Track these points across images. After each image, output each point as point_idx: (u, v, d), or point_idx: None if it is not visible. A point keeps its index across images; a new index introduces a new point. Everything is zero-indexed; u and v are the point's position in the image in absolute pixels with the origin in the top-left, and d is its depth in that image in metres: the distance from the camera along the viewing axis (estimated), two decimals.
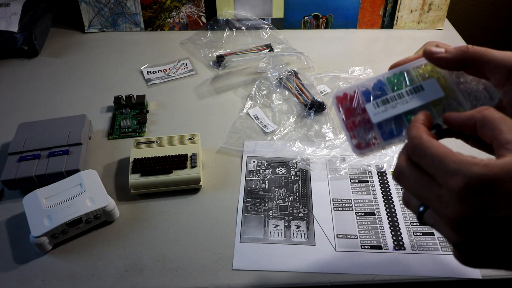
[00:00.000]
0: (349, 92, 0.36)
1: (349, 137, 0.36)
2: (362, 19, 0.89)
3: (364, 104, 0.35)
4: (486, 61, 0.32)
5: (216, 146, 0.63)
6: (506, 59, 0.31)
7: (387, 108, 0.34)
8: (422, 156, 0.29)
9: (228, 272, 0.48)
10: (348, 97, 0.36)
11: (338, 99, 0.36)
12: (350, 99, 0.36)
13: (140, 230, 0.53)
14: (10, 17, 0.82)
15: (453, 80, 0.34)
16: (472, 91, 0.34)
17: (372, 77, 0.36)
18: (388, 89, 0.35)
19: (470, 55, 0.32)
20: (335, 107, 0.37)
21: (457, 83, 0.34)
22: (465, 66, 0.33)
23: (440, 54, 0.33)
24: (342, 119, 0.36)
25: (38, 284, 0.47)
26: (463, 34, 0.91)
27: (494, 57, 0.31)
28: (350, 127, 0.36)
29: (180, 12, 0.88)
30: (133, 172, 0.56)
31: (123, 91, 0.73)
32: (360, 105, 0.36)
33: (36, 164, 0.56)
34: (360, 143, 0.35)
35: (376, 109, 0.35)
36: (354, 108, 0.36)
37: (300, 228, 0.52)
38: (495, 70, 0.31)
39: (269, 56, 0.77)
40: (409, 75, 0.35)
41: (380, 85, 0.36)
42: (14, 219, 0.54)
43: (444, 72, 0.35)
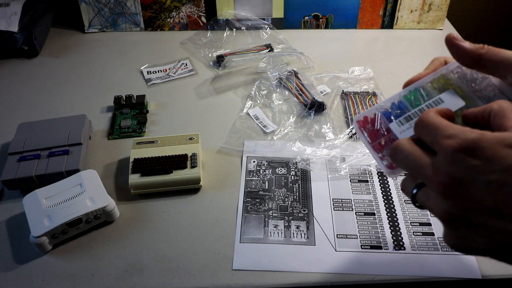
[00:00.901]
0: (369, 115, 0.37)
1: (379, 159, 0.36)
2: (362, 19, 0.89)
3: (387, 124, 0.35)
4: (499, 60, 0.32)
5: (216, 146, 0.63)
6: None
7: (411, 124, 0.34)
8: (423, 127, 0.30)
9: (228, 272, 0.48)
10: (369, 119, 0.36)
11: (359, 123, 0.37)
12: (371, 121, 0.36)
13: (140, 230, 0.53)
14: (10, 17, 0.82)
15: (469, 89, 0.34)
16: (490, 97, 0.34)
17: (388, 98, 0.37)
18: (408, 107, 0.35)
19: (486, 50, 0.32)
20: (358, 132, 0.37)
21: (474, 91, 0.34)
22: (479, 63, 0.33)
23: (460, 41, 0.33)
24: (368, 141, 0.36)
25: (38, 284, 0.47)
26: (463, 34, 0.91)
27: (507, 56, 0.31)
28: (378, 149, 0.36)
29: (180, 12, 0.88)
30: (133, 172, 0.56)
31: (123, 91, 0.73)
32: (383, 126, 0.36)
33: (36, 164, 0.56)
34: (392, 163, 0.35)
35: (401, 127, 0.35)
36: (378, 129, 0.36)
37: (300, 228, 0.52)
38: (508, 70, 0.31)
39: (269, 56, 0.77)
40: (425, 90, 0.35)
41: (399, 104, 0.36)
42: (14, 219, 0.54)
43: (459, 83, 0.35)
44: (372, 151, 0.36)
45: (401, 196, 0.56)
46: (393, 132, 0.35)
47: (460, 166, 0.27)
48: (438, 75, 0.35)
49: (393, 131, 0.35)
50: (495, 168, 0.26)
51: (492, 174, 0.26)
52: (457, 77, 0.35)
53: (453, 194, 0.27)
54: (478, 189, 0.26)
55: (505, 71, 0.32)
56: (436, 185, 0.28)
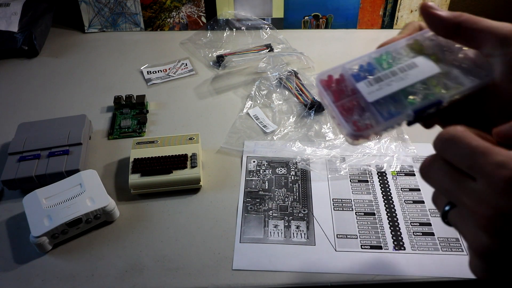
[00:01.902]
0: (334, 74, 0.33)
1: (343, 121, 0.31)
2: (362, 19, 0.89)
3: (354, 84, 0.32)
4: (479, 28, 0.30)
5: (216, 146, 0.63)
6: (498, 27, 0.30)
7: (382, 86, 0.31)
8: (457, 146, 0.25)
9: (228, 272, 0.48)
10: (334, 79, 0.33)
11: (322, 82, 0.33)
12: (336, 81, 0.33)
13: (140, 230, 0.53)
14: (10, 17, 0.82)
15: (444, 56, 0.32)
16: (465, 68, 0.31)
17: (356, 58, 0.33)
18: (378, 68, 0.32)
19: (464, 19, 0.30)
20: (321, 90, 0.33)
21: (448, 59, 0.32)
22: (456, 31, 0.31)
23: (437, 10, 0.31)
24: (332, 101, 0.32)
25: (38, 284, 0.47)
26: None
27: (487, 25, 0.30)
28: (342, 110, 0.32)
29: (180, 12, 0.88)
30: (133, 172, 0.56)
31: (123, 91, 0.73)
32: (349, 86, 0.32)
33: (36, 164, 0.56)
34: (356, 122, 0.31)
35: (370, 87, 0.31)
36: (343, 89, 0.32)
37: (300, 228, 0.52)
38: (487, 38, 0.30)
39: (269, 56, 0.77)
40: (397, 54, 0.32)
41: (368, 66, 0.32)
42: (14, 219, 0.54)
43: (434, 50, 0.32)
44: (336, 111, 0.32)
45: (401, 196, 0.56)
46: (361, 92, 0.31)
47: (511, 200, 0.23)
48: (412, 40, 0.33)
49: (361, 91, 0.31)
50: None
51: None
52: (432, 45, 0.33)
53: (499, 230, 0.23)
54: None
55: (483, 41, 0.30)
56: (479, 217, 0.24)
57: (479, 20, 0.30)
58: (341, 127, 0.32)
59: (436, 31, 0.32)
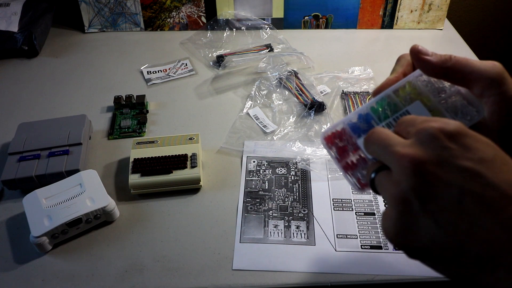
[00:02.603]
0: (336, 129, 0.35)
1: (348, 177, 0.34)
2: (362, 19, 0.89)
3: (355, 139, 0.34)
4: (468, 71, 0.32)
5: (216, 146, 0.63)
6: (487, 70, 0.31)
7: None
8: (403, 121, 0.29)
9: (228, 272, 0.48)
10: (337, 134, 0.35)
11: (327, 140, 0.35)
12: (339, 136, 0.35)
13: (140, 230, 0.53)
14: (10, 17, 0.82)
15: (436, 99, 0.33)
16: (457, 107, 0.33)
17: (357, 109, 0.35)
18: (375, 120, 0.34)
19: (453, 63, 0.32)
20: (326, 149, 0.35)
21: (440, 101, 0.33)
22: (446, 75, 0.33)
23: (426, 55, 0.33)
24: (336, 159, 0.35)
25: (38, 284, 0.47)
26: (463, 34, 0.91)
27: (475, 67, 0.31)
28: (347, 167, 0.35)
29: (180, 12, 0.88)
30: (133, 172, 0.56)
31: (123, 91, 0.73)
32: (350, 142, 0.34)
33: (36, 164, 0.56)
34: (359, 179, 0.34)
35: None
36: (346, 146, 0.34)
37: (300, 228, 0.52)
38: (476, 81, 0.31)
39: (269, 56, 0.77)
40: (392, 100, 0.34)
41: (366, 117, 0.34)
42: (14, 219, 0.54)
43: (425, 92, 0.34)
44: (341, 169, 0.35)
45: None
46: (362, 148, 0.33)
47: (436, 145, 0.25)
48: (405, 83, 0.34)
49: (361, 147, 0.33)
50: (471, 157, 0.25)
51: (466, 161, 0.25)
52: (424, 85, 0.34)
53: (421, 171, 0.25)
54: (449, 173, 0.25)
55: (472, 83, 0.32)
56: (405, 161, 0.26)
57: (467, 63, 0.32)
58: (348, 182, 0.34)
59: (427, 74, 0.33)
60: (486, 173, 0.24)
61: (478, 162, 0.25)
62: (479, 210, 0.24)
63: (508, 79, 0.31)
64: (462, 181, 0.25)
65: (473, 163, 0.25)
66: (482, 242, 0.24)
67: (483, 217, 0.24)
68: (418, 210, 0.25)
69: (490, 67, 0.31)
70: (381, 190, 0.29)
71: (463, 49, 0.85)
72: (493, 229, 0.24)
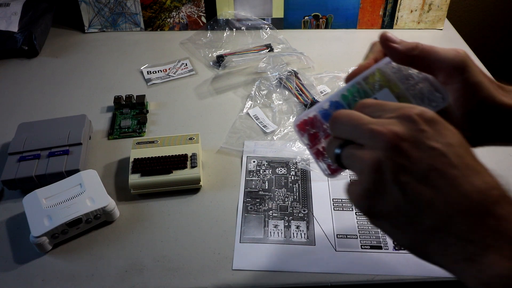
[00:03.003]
0: (308, 116, 0.36)
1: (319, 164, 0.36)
2: (362, 19, 0.89)
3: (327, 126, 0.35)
4: (432, 59, 0.34)
5: (216, 146, 0.63)
6: (450, 58, 0.33)
7: None
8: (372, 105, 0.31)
9: (228, 272, 0.48)
10: (309, 121, 0.36)
11: (299, 127, 0.36)
12: (311, 123, 0.36)
13: (140, 230, 0.53)
14: (10, 17, 0.82)
15: (403, 86, 0.35)
16: (424, 94, 0.34)
17: (329, 96, 0.36)
18: (346, 107, 0.35)
19: (419, 51, 0.34)
20: (298, 135, 0.37)
21: (408, 88, 0.35)
22: (412, 62, 0.35)
23: (394, 43, 0.35)
24: (307, 145, 0.36)
25: (38, 284, 0.47)
26: (463, 34, 0.91)
27: (439, 55, 0.34)
28: (317, 152, 0.36)
29: (180, 12, 0.88)
30: (133, 172, 0.56)
31: (123, 91, 0.73)
32: (322, 128, 0.35)
33: (36, 164, 0.56)
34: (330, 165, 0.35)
35: None
36: (317, 133, 0.36)
37: (300, 228, 0.52)
38: (440, 68, 0.34)
39: (269, 56, 0.77)
40: (362, 87, 0.35)
41: (336, 104, 0.35)
42: (14, 219, 0.54)
43: (394, 79, 0.35)
44: (312, 155, 0.36)
45: None
46: None
47: (413, 126, 0.28)
48: (375, 70, 0.35)
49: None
50: (442, 140, 0.28)
51: (437, 143, 0.28)
52: (393, 72, 0.35)
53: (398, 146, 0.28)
54: (420, 150, 0.28)
55: (437, 70, 0.34)
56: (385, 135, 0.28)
57: (432, 51, 0.34)
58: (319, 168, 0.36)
59: (395, 61, 0.36)
60: (451, 155, 0.28)
61: (446, 145, 0.28)
62: (441, 184, 0.27)
63: (471, 67, 0.33)
64: (431, 158, 0.28)
65: (442, 145, 0.28)
66: (439, 212, 0.27)
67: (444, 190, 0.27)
68: (389, 178, 0.28)
69: (453, 55, 0.33)
70: (351, 161, 0.31)
71: (463, 49, 0.85)
72: (450, 201, 0.27)
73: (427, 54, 0.34)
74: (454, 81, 0.34)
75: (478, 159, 0.29)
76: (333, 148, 0.32)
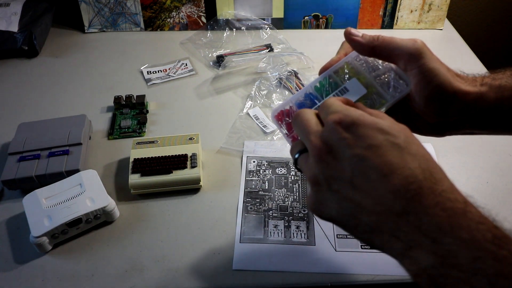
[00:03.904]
0: (285, 107, 0.39)
1: None
2: (362, 19, 0.89)
3: None
4: (391, 48, 0.37)
5: (216, 146, 0.63)
6: (407, 46, 0.36)
7: None
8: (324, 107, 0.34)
9: (228, 272, 0.48)
10: (285, 112, 0.39)
11: (276, 117, 0.40)
12: (287, 113, 0.39)
13: (140, 230, 0.53)
14: (10, 17, 0.82)
15: (370, 76, 0.38)
16: (389, 82, 0.38)
17: (304, 88, 0.40)
18: (318, 97, 0.39)
19: (379, 43, 0.37)
20: (276, 124, 0.40)
21: (374, 77, 0.38)
22: (374, 52, 0.38)
23: (357, 37, 0.38)
24: (285, 134, 0.39)
25: (38, 284, 0.47)
26: (463, 34, 0.91)
27: (397, 44, 0.37)
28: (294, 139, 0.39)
29: (180, 12, 0.88)
30: (133, 172, 0.56)
31: (123, 91, 0.73)
32: None
33: (36, 164, 0.56)
34: None
35: None
36: None
37: (300, 228, 0.52)
38: (399, 56, 0.37)
39: (269, 56, 0.77)
40: (332, 79, 0.39)
41: (310, 96, 0.39)
42: (14, 219, 0.54)
43: (361, 70, 0.39)
44: (290, 143, 0.39)
45: None
46: None
47: (334, 136, 0.31)
48: (343, 64, 0.39)
49: None
50: (360, 144, 0.30)
51: (356, 149, 0.30)
52: (360, 64, 0.39)
53: (323, 159, 0.31)
54: (342, 160, 0.30)
55: (397, 58, 0.37)
56: (313, 149, 0.32)
57: (391, 41, 0.37)
58: None
59: (359, 53, 0.39)
60: (371, 157, 0.29)
61: (366, 148, 0.29)
62: (365, 187, 0.29)
63: (427, 54, 0.36)
64: (353, 165, 0.30)
65: (361, 150, 0.29)
66: (369, 213, 0.30)
67: (369, 194, 0.29)
68: (325, 189, 0.31)
69: (410, 43, 0.36)
70: (303, 170, 0.34)
71: (463, 49, 0.85)
72: (375, 204, 0.29)
73: (387, 44, 0.37)
74: (412, 67, 0.36)
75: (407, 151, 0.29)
76: (294, 152, 0.36)
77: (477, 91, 0.37)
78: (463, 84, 0.37)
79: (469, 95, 0.36)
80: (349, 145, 0.30)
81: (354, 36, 0.38)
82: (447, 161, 0.61)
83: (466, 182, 0.58)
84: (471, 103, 0.37)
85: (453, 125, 0.39)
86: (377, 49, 0.37)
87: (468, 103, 0.37)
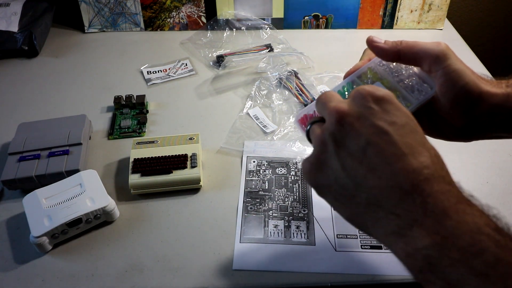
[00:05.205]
0: (308, 112, 0.39)
1: None
2: (362, 19, 0.89)
3: None
4: (415, 51, 0.37)
5: (216, 146, 0.63)
6: (431, 48, 0.36)
7: None
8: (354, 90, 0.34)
9: (228, 272, 0.48)
10: (309, 116, 0.39)
11: (300, 121, 0.40)
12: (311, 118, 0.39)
13: (140, 230, 0.53)
14: (10, 17, 0.82)
15: (394, 80, 0.38)
16: (414, 85, 0.38)
17: None
18: None
19: (403, 47, 0.38)
20: (299, 128, 0.40)
21: (398, 81, 0.38)
22: (399, 57, 0.38)
23: (379, 43, 0.39)
24: None
25: (38, 284, 0.47)
26: (463, 34, 0.91)
27: (422, 47, 0.37)
28: None
29: (180, 12, 0.88)
30: (133, 172, 0.56)
31: (123, 91, 0.73)
32: None
33: (36, 164, 0.56)
34: None
35: None
36: None
37: (300, 228, 0.52)
38: (424, 59, 0.37)
39: (269, 56, 0.77)
40: (356, 84, 0.39)
41: None
42: (14, 219, 0.54)
43: (384, 75, 0.39)
44: None
45: None
46: None
47: (362, 103, 0.31)
48: (366, 69, 0.40)
49: None
50: (385, 118, 0.30)
51: (380, 121, 0.30)
52: (383, 69, 0.40)
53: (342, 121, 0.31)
54: (362, 127, 0.30)
55: (421, 61, 0.37)
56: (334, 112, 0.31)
57: (415, 44, 0.37)
58: None
59: (383, 58, 0.39)
60: (393, 134, 0.29)
61: (390, 123, 0.30)
62: (378, 160, 0.29)
63: (451, 55, 0.36)
64: (371, 134, 0.30)
65: (385, 123, 0.30)
66: (372, 187, 0.29)
67: (379, 167, 0.29)
68: (331, 151, 0.31)
69: (434, 46, 0.36)
70: (312, 136, 0.34)
71: (463, 49, 0.85)
72: (383, 178, 0.29)
73: (411, 47, 0.37)
74: (437, 69, 0.36)
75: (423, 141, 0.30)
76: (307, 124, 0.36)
77: (504, 92, 0.36)
78: (489, 86, 0.36)
79: (495, 96, 0.36)
80: (374, 115, 0.30)
81: (377, 43, 0.39)
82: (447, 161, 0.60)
83: (466, 182, 0.58)
84: (498, 105, 0.36)
85: (479, 128, 0.39)
86: (401, 53, 0.38)
87: (495, 104, 0.36)
